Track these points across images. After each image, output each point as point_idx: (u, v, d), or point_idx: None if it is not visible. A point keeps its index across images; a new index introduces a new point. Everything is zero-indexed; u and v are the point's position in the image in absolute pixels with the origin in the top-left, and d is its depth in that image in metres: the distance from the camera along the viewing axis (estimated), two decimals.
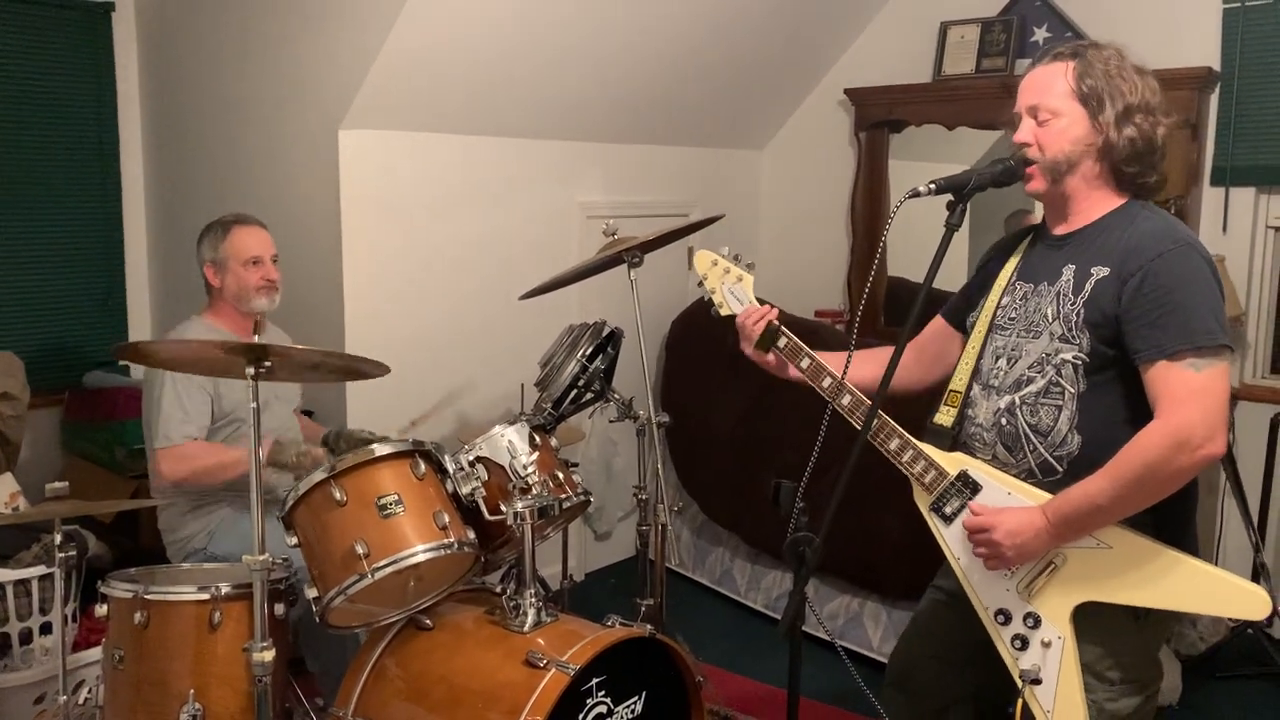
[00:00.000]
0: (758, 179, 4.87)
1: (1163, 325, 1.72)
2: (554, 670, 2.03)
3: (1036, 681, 1.82)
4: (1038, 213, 2.03)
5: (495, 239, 3.73)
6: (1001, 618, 1.88)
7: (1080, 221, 1.90)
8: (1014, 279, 1.98)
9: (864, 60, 4.46)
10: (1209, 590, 1.75)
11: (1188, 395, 1.70)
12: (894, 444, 1.96)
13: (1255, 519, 3.47)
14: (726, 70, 4.12)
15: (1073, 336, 1.82)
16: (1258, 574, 3.38)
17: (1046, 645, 1.83)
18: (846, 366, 2.00)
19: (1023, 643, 1.86)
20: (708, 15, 3.75)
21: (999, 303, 1.98)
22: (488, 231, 3.71)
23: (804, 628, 1.88)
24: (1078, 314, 1.82)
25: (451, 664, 2.19)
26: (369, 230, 3.38)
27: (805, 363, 2.09)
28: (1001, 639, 1.88)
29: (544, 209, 3.89)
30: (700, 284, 2.27)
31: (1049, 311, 1.87)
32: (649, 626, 2.28)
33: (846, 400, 2.03)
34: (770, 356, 2.15)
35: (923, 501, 1.97)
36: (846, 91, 4.39)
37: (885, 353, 2.15)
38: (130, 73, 3.97)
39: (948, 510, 1.93)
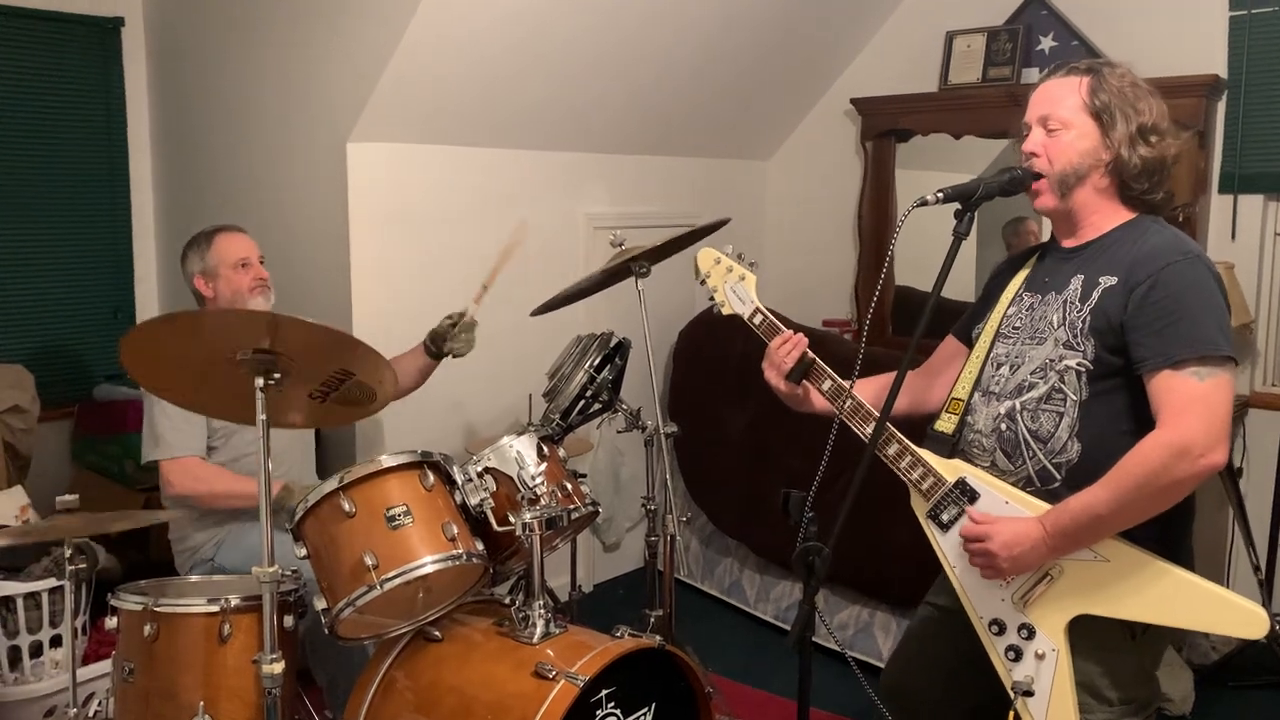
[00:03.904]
0: (764, 189, 4.87)
1: (1168, 334, 1.72)
2: (563, 681, 2.03)
3: (1029, 693, 1.81)
4: (1038, 220, 2.03)
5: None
6: (996, 628, 1.88)
7: (1090, 234, 1.90)
8: (1022, 290, 1.98)
9: (870, 70, 4.46)
10: (1207, 607, 1.74)
11: (1190, 404, 1.69)
12: (892, 449, 1.96)
13: (1268, 526, 3.46)
14: (732, 81, 4.13)
15: (1077, 344, 1.82)
16: (1265, 588, 3.36)
17: (1040, 657, 1.82)
18: (855, 375, 2.00)
19: (1016, 654, 1.85)
20: (713, 26, 3.76)
21: (1005, 313, 1.98)
22: (495, 243, 3.71)
23: (814, 638, 1.86)
24: (1083, 321, 1.81)
25: (461, 676, 2.19)
26: (377, 242, 3.39)
27: (828, 384, 2.08)
28: (995, 649, 1.87)
29: (551, 220, 3.90)
30: (703, 282, 2.26)
31: (1054, 319, 1.86)
32: (658, 637, 2.27)
33: (847, 402, 2.02)
34: (799, 389, 2.12)
35: (920, 508, 1.96)
36: (853, 101, 4.39)
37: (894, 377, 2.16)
38: (139, 87, 4.00)
39: (944, 518, 1.92)
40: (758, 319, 2.18)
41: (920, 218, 1.81)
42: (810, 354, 2.09)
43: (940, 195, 1.82)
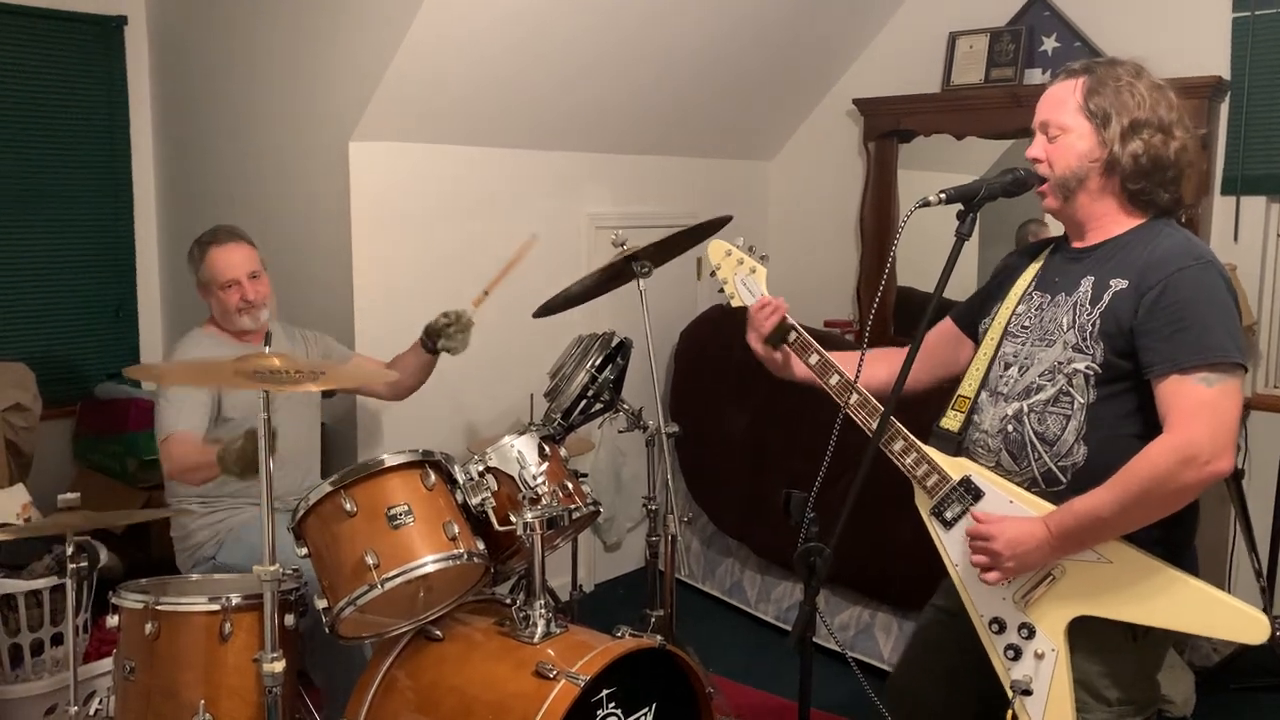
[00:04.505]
0: (766, 189, 4.87)
1: (1178, 339, 1.71)
2: (564, 681, 2.03)
3: (1027, 692, 1.81)
4: (1050, 222, 2.03)
5: (504, 250, 3.72)
6: (996, 626, 1.88)
7: (1099, 237, 1.89)
8: (1031, 288, 1.97)
9: (873, 70, 4.46)
10: (1207, 611, 1.74)
11: (1197, 410, 1.69)
12: (898, 445, 1.95)
13: (1270, 527, 3.45)
14: (735, 81, 4.13)
15: (1086, 347, 1.81)
16: (1267, 593, 3.36)
17: (1040, 657, 1.82)
18: (859, 370, 2.00)
19: (1016, 653, 1.85)
20: (716, 26, 3.76)
21: (1014, 310, 1.97)
22: (497, 242, 3.71)
23: (815, 639, 1.86)
24: (1093, 324, 1.81)
25: (462, 675, 2.19)
26: (379, 241, 3.39)
27: (814, 359, 2.08)
28: (994, 648, 1.88)
29: (553, 220, 3.90)
30: (713, 274, 2.27)
31: (1064, 321, 1.86)
32: (659, 637, 2.27)
33: (854, 398, 2.02)
34: (778, 354, 2.14)
35: (924, 505, 1.96)
36: (855, 102, 4.39)
37: (893, 353, 2.15)
38: (142, 86, 4.00)
39: (948, 515, 1.92)
40: None
41: (922, 218, 1.81)
42: (790, 320, 2.11)
43: (943, 196, 1.82)
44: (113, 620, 2.23)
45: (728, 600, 4.07)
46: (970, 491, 1.89)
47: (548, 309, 2.87)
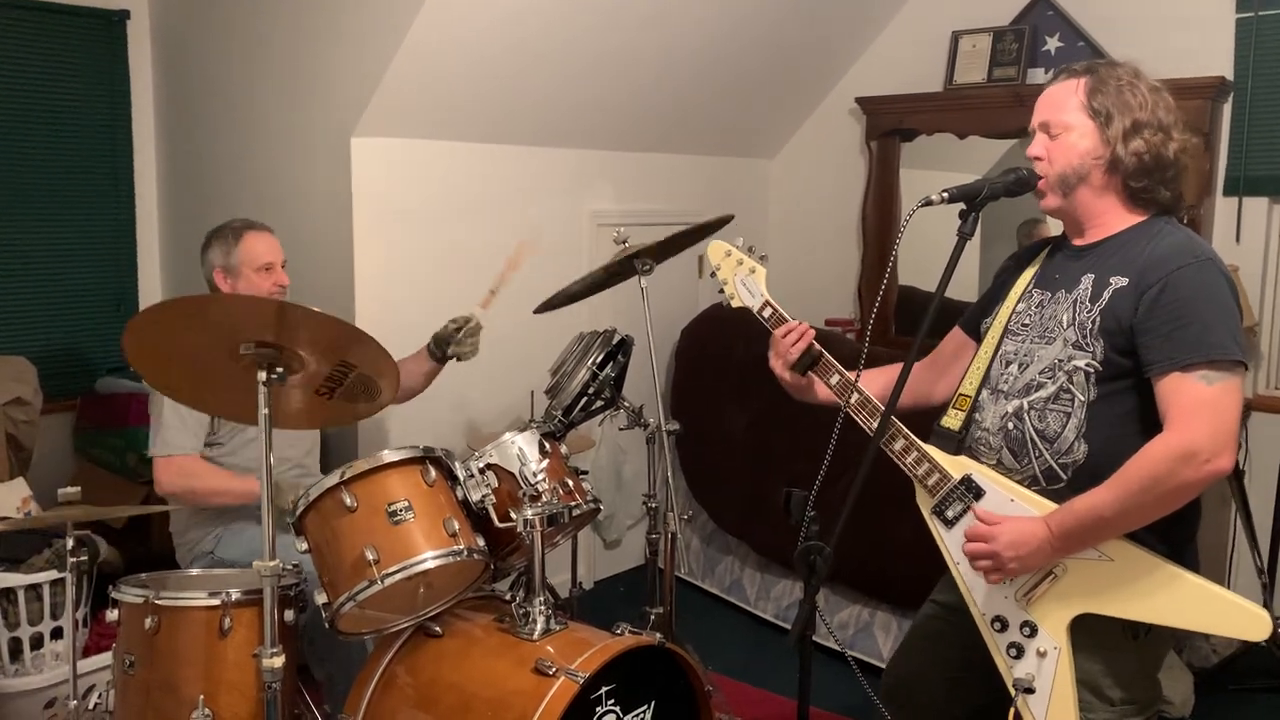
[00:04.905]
0: (768, 187, 4.87)
1: (1178, 337, 1.71)
2: (563, 678, 2.03)
3: (1030, 690, 1.81)
4: (1050, 223, 2.03)
5: (506, 246, 3.72)
6: (998, 625, 1.88)
7: (1099, 234, 1.90)
8: (1031, 286, 1.98)
9: (875, 69, 4.46)
10: (1209, 608, 1.74)
11: (1197, 408, 1.69)
12: (898, 444, 1.95)
13: (1270, 529, 3.45)
14: (737, 79, 4.13)
15: (1086, 344, 1.81)
16: (1269, 590, 3.36)
17: (1042, 655, 1.82)
18: (859, 370, 1.99)
19: (1018, 651, 1.85)
20: (717, 26, 3.75)
21: (1014, 309, 1.98)
22: (498, 239, 3.71)
23: (814, 637, 1.87)
24: (1093, 322, 1.81)
25: (461, 671, 2.19)
26: (381, 237, 3.39)
27: (835, 379, 2.08)
28: (997, 646, 1.88)
29: (555, 217, 3.90)
30: (713, 274, 2.27)
31: (1064, 318, 1.86)
32: (658, 635, 2.27)
33: (854, 397, 2.02)
34: (804, 379, 2.12)
35: (925, 504, 1.96)
36: (858, 100, 4.39)
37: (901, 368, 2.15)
38: (144, 80, 4.00)
39: (949, 514, 1.92)
40: (766, 312, 2.18)
41: (924, 218, 1.81)
42: (818, 346, 2.09)
43: (945, 195, 1.82)
44: (112, 615, 2.23)
45: (727, 598, 4.07)
46: (971, 490, 1.89)
47: (549, 305, 2.87)
